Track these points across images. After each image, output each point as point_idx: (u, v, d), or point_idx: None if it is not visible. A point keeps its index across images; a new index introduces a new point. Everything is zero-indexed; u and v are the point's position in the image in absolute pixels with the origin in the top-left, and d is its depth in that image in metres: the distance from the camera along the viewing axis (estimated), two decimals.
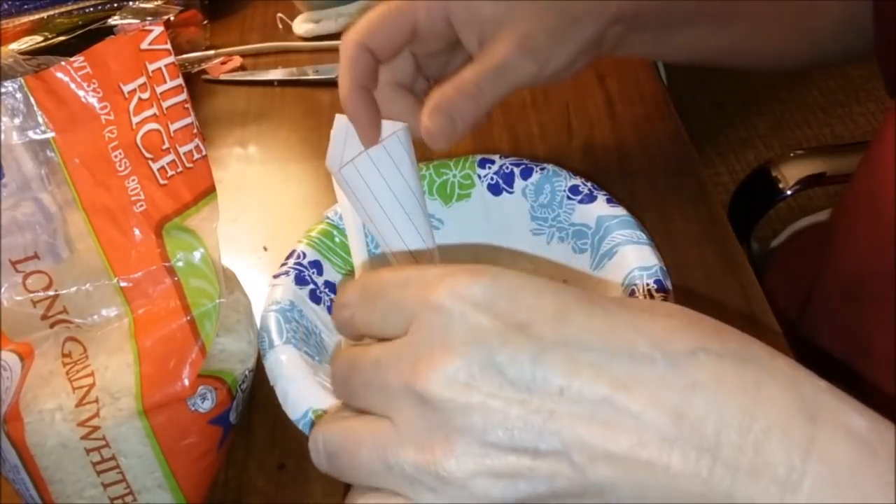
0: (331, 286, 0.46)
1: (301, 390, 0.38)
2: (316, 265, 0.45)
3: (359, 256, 0.46)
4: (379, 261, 0.47)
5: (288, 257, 0.45)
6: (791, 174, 0.77)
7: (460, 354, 0.26)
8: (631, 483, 0.24)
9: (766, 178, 0.78)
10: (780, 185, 0.77)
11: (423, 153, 0.45)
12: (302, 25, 0.78)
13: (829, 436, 0.24)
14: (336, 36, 0.77)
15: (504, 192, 0.48)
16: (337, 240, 0.47)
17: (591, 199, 0.46)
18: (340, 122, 0.44)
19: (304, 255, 0.46)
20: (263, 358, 0.40)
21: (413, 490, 0.26)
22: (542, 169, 0.48)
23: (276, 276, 0.44)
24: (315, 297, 0.45)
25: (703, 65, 0.54)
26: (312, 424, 0.36)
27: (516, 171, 0.48)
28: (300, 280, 0.44)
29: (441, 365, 0.26)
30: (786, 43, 0.54)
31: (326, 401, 0.37)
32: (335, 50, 0.49)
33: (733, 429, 0.24)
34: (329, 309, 0.45)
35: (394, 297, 0.28)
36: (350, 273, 0.47)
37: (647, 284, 0.41)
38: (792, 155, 0.79)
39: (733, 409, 0.24)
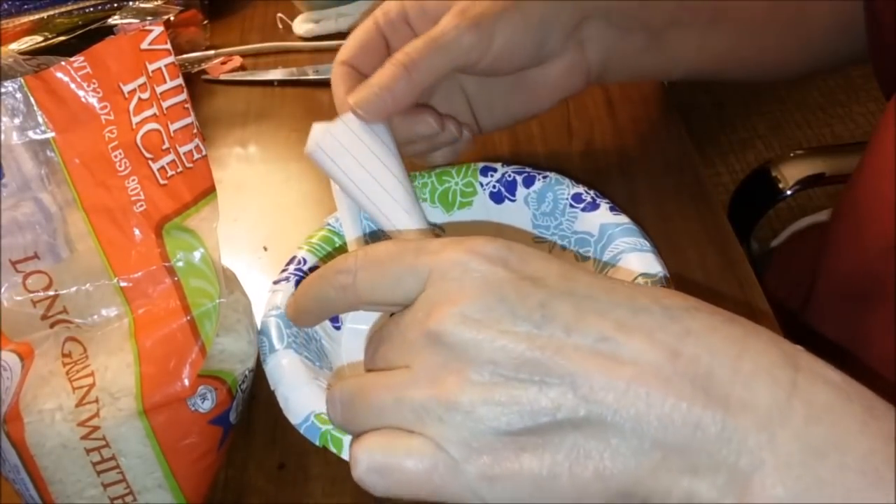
0: None
1: (302, 395, 0.38)
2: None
3: (352, 234, 0.46)
4: (375, 238, 0.47)
5: (288, 263, 0.45)
6: (791, 174, 0.77)
7: (473, 296, 0.27)
8: (629, 414, 0.25)
9: (766, 178, 0.78)
10: (780, 185, 0.77)
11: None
12: (302, 25, 0.78)
13: (808, 381, 0.26)
14: (336, 36, 0.77)
15: (506, 201, 0.48)
16: (338, 246, 0.47)
17: (594, 207, 0.46)
18: (317, 128, 0.44)
19: (305, 261, 0.45)
20: (264, 363, 0.40)
21: (421, 423, 0.27)
22: (544, 177, 0.48)
23: (276, 282, 0.44)
24: None
25: (706, 77, 0.54)
26: (314, 429, 0.36)
27: (518, 179, 0.48)
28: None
29: (455, 305, 0.27)
30: (782, 50, 0.54)
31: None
32: (335, 50, 0.49)
33: (724, 369, 0.26)
34: (331, 321, 0.45)
35: (409, 261, 0.29)
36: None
37: None
38: (792, 155, 0.79)
39: (723, 354, 0.26)
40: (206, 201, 0.40)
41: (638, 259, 0.43)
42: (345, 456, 0.36)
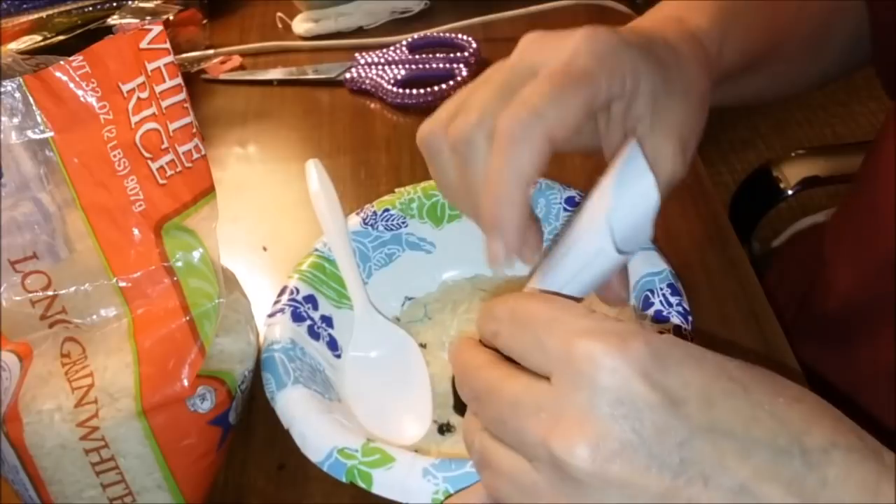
0: (327, 320, 0.45)
1: (320, 431, 0.37)
2: (311, 300, 0.45)
3: (353, 282, 0.46)
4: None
5: (281, 294, 0.45)
6: (792, 174, 0.77)
7: (607, 426, 0.25)
8: None
9: (767, 178, 0.78)
10: (781, 185, 0.77)
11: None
12: (301, 25, 0.78)
13: None
14: (335, 35, 0.77)
15: None
16: (329, 271, 0.46)
17: None
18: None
19: (298, 291, 0.45)
20: (272, 401, 0.39)
21: None
22: (533, 183, 0.47)
23: (271, 315, 0.43)
24: (313, 334, 0.44)
25: (724, 107, 0.53)
26: (338, 465, 0.36)
27: None
28: (297, 317, 0.43)
29: (584, 434, 0.25)
30: (800, 76, 0.54)
31: (347, 439, 0.36)
32: (335, 49, 0.49)
33: None
34: (329, 344, 0.45)
35: (537, 335, 0.28)
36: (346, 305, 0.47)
37: (662, 289, 0.41)
38: (793, 155, 0.79)
39: None
40: (205, 201, 0.40)
41: (641, 257, 0.43)
42: (375, 491, 0.35)
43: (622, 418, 0.25)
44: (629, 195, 0.32)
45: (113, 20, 0.65)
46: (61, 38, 0.64)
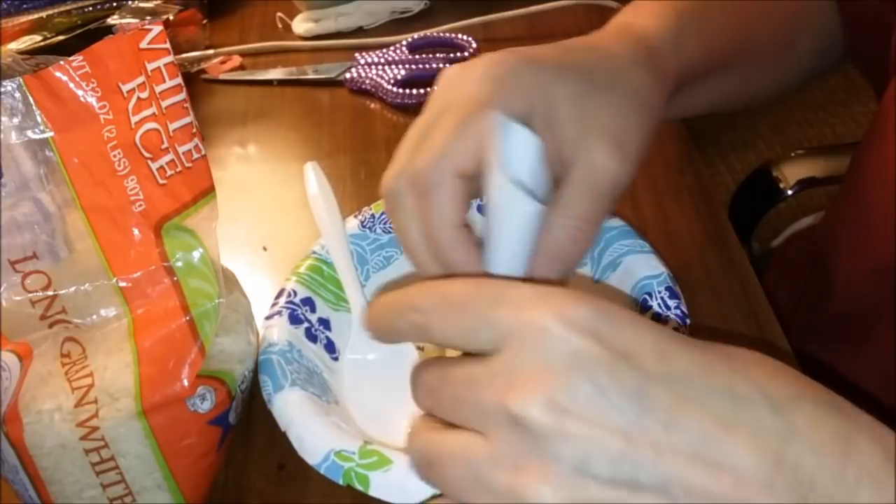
0: (325, 323, 0.45)
1: (317, 433, 0.37)
2: (308, 302, 0.45)
3: (351, 285, 0.46)
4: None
5: (278, 296, 0.44)
6: (792, 174, 0.77)
7: (562, 378, 0.25)
8: None
9: (766, 178, 0.78)
10: (781, 185, 0.77)
11: None
12: (301, 25, 0.78)
13: None
14: (335, 35, 0.77)
15: None
16: (326, 274, 0.46)
17: None
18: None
19: (295, 293, 0.45)
20: (270, 403, 0.39)
21: None
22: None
23: (268, 318, 0.43)
24: (311, 336, 0.44)
25: (700, 115, 0.53)
26: (335, 468, 0.36)
27: None
28: (294, 319, 0.43)
29: (540, 388, 0.25)
30: (772, 78, 0.54)
31: (344, 441, 0.36)
32: (335, 49, 0.49)
33: (827, 476, 0.24)
34: (326, 347, 0.45)
35: (484, 311, 0.27)
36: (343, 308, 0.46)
37: (659, 292, 0.41)
38: (793, 155, 0.79)
39: (828, 454, 0.24)
40: (205, 201, 0.40)
41: (640, 261, 0.43)
42: (372, 493, 0.35)
43: (577, 371, 0.25)
44: (511, 146, 0.32)
45: (113, 20, 0.65)
46: (61, 38, 0.64)
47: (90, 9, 0.69)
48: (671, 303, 0.41)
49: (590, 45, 0.39)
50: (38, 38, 0.64)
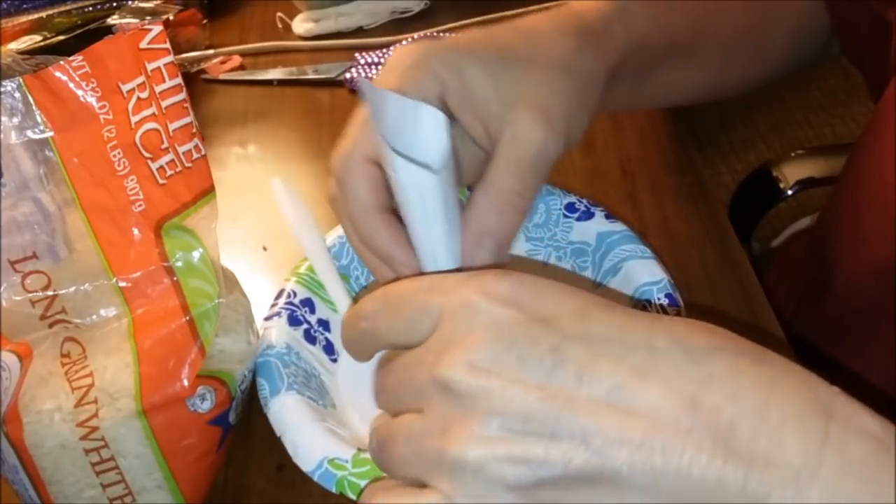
0: (324, 324, 0.45)
1: (312, 440, 0.37)
2: (308, 303, 0.45)
3: (335, 290, 0.44)
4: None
5: (277, 297, 0.44)
6: (792, 174, 0.77)
7: (483, 342, 0.26)
8: (645, 468, 0.24)
9: (766, 178, 0.78)
10: (781, 185, 0.77)
11: None
12: (301, 25, 0.78)
13: (842, 431, 0.24)
14: (335, 35, 0.77)
15: None
16: None
17: (588, 215, 0.46)
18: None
19: (295, 294, 0.44)
20: (265, 407, 0.39)
21: (434, 477, 0.26)
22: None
23: (267, 318, 0.43)
24: (310, 338, 0.44)
25: (674, 106, 0.53)
26: (328, 475, 0.36)
27: None
28: (293, 320, 0.43)
29: (464, 351, 0.26)
30: (746, 69, 0.54)
31: (339, 449, 0.36)
32: (335, 49, 0.49)
33: (748, 419, 0.24)
34: (325, 349, 0.45)
35: (420, 300, 0.29)
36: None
37: (659, 298, 0.41)
38: (793, 155, 0.79)
39: (748, 401, 0.24)
40: (205, 201, 0.40)
41: (641, 266, 0.43)
42: None
43: (497, 336, 0.26)
44: (419, 127, 0.33)
45: (113, 20, 0.65)
46: (61, 38, 0.64)
47: (90, 9, 0.69)
48: (670, 311, 0.41)
49: (513, 25, 0.40)
50: (38, 38, 0.64)
